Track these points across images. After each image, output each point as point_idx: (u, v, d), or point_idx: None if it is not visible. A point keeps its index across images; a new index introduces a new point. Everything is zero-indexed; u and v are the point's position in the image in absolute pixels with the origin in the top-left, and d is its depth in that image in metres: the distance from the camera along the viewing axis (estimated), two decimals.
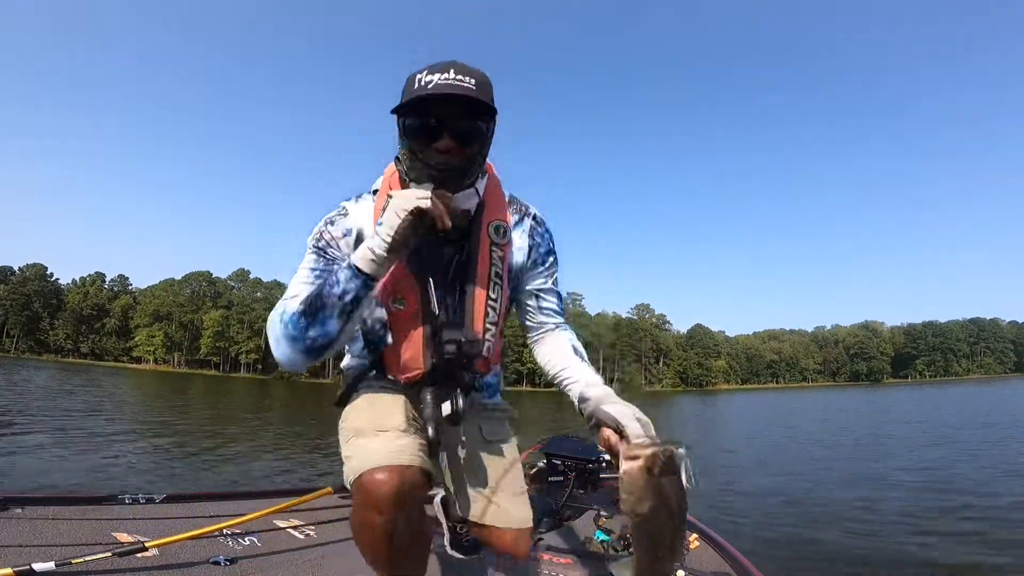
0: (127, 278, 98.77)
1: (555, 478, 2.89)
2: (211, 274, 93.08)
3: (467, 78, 1.17)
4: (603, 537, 2.34)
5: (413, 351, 1.27)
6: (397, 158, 1.31)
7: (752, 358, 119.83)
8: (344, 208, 1.33)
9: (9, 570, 1.44)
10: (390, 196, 1.19)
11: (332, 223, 1.30)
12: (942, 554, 4.66)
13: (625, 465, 0.96)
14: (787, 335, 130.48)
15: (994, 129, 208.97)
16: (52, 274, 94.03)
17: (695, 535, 2.39)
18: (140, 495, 2.20)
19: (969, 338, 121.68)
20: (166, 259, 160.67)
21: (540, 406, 30.48)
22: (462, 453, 1.37)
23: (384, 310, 1.29)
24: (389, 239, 1.11)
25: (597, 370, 1.34)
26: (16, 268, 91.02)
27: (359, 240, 1.27)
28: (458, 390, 1.25)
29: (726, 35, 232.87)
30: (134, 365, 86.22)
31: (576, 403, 1.24)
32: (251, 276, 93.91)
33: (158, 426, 13.50)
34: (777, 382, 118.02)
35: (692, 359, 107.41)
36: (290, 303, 1.18)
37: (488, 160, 1.34)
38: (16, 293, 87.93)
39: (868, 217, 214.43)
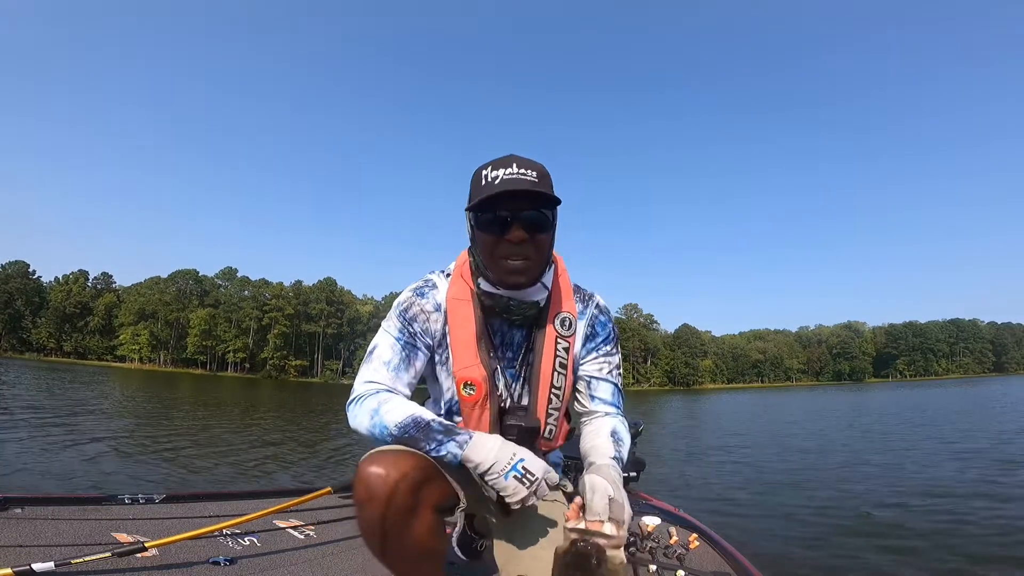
0: (111, 276, 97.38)
1: None
2: (197, 272, 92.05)
3: (529, 171, 1.24)
4: None
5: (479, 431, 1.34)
6: (471, 248, 1.37)
7: (738, 358, 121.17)
8: (432, 280, 1.40)
9: (9, 570, 1.43)
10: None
11: (422, 295, 1.37)
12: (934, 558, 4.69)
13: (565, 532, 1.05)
14: (772, 335, 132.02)
15: (985, 130, 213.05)
16: (35, 272, 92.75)
17: (695, 535, 2.39)
18: (139, 495, 2.18)
19: (949, 339, 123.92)
20: (151, 257, 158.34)
21: None
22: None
23: (455, 392, 1.35)
24: (483, 478, 1.15)
25: None
26: None
27: (445, 317, 1.35)
28: None
29: (726, 35, 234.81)
30: (118, 364, 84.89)
31: None
32: (238, 274, 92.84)
33: (153, 425, 13.32)
34: (762, 381, 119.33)
35: (679, 358, 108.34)
36: (386, 415, 1.21)
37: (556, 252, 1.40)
38: None
39: (852, 219, 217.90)
